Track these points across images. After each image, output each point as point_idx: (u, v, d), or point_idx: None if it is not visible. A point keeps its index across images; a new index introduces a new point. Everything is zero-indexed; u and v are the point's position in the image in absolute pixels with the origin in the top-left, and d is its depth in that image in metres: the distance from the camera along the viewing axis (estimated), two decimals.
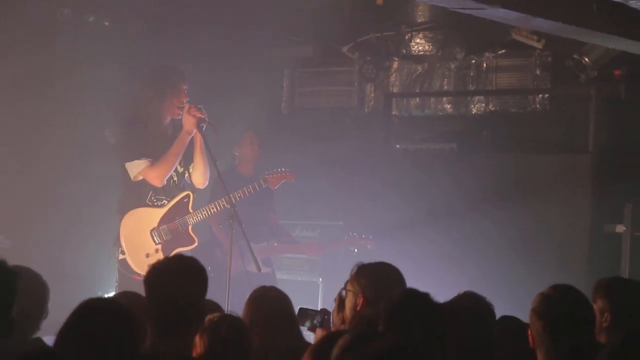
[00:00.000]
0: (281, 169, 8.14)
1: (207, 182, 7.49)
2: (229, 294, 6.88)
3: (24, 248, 8.59)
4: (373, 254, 8.05)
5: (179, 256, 4.43)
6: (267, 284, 5.14)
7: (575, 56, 9.12)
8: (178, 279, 4.03)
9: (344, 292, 4.60)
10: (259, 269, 7.22)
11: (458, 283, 5.28)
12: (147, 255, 7.19)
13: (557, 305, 3.94)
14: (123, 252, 7.26)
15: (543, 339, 3.91)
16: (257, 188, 7.81)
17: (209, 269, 4.27)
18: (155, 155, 7.24)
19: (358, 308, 4.46)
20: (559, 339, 3.85)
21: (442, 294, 4.01)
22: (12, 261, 4.25)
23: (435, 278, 6.99)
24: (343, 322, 4.54)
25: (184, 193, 7.40)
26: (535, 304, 3.98)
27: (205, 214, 7.42)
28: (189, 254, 5.17)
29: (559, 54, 9.32)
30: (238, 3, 9.47)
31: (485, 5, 7.01)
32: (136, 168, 7.24)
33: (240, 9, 9.54)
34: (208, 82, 8.93)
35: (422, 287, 3.87)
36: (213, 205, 7.41)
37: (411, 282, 4.45)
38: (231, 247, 7.11)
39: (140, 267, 7.13)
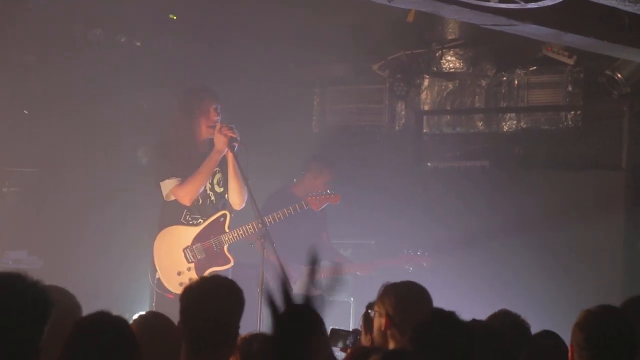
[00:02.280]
0: (327, 191, 8.07)
1: (243, 203, 7.40)
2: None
3: (56, 269, 8.61)
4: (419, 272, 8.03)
5: (215, 276, 4.42)
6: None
7: (607, 72, 9.06)
8: (213, 300, 4.02)
9: (371, 313, 4.58)
10: (291, 289, 7.19)
11: (490, 302, 5.24)
12: (179, 273, 7.20)
13: (602, 322, 3.90)
14: (156, 271, 7.27)
15: (583, 354, 3.87)
16: (298, 209, 7.73)
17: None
18: (187, 175, 7.25)
19: (382, 329, 4.43)
20: (600, 355, 3.82)
21: (475, 313, 3.98)
22: (45, 281, 4.26)
23: (467, 297, 6.94)
24: (372, 343, 4.51)
25: (220, 213, 7.40)
26: (580, 318, 3.94)
27: (241, 234, 7.38)
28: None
29: (591, 69, 9.26)
30: (269, 22, 9.49)
31: (517, 22, 6.99)
32: (167, 187, 7.26)
33: (271, 28, 9.56)
34: (239, 101, 8.94)
35: (455, 307, 3.84)
36: (250, 226, 7.36)
37: (442, 301, 4.41)
38: (262, 266, 7.09)
39: (172, 285, 7.14)
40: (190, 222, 7.34)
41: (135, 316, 4.40)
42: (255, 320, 6.79)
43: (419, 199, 9.16)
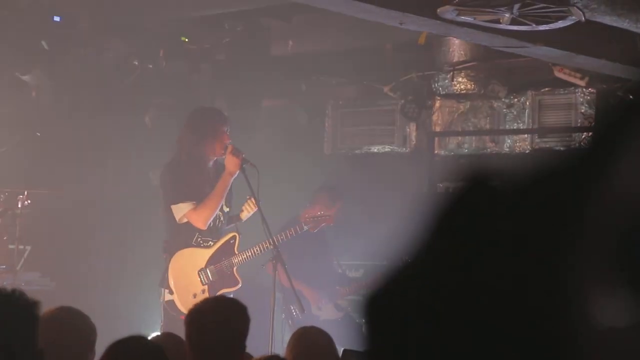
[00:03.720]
0: (319, 213, 8.11)
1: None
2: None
3: (69, 290, 8.63)
4: None
5: (220, 297, 4.44)
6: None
7: (619, 93, 9.06)
8: (218, 321, 4.03)
9: None
10: (303, 310, 7.20)
11: None
12: (194, 296, 7.20)
13: None
14: (171, 292, 7.26)
15: None
16: (299, 230, 7.77)
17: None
18: (199, 197, 7.26)
19: None
20: None
21: None
22: (57, 302, 4.28)
23: None
24: None
25: (231, 234, 7.42)
26: None
27: (249, 255, 7.41)
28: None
29: (603, 91, 9.26)
30: (279, 43, 9.53)
31: (528, 44, 7.00)
32: (181, 211, 7.26)
33: (282, 49, 9.60)
34: (250, 123, 8.97)
35: None
36: (257, 247, 7.39)
37: None
38: (274, 288, 7.10)
39: (187, 307, 7.13)
40: (202, 245, 7.36)
41: (150, 337, 4.41)
42: (268, 340, 6.79)
43: (431, 220, 9.14)
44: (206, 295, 7.15)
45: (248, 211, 7.41)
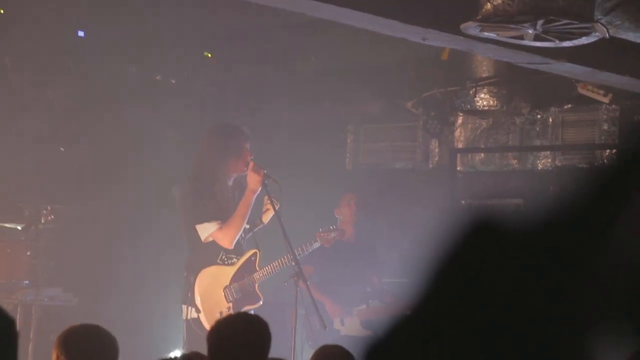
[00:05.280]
0: (332, 227, 8.08)
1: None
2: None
3: (91, 305, 8.64)
4: None
5: (241, 313, 4.44)
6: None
7: None
8: (238, 337, 4.03)
9: None
10: (324, 327, 7.16)
11: None
12: (221, 314, 7.18)
13: None
14: (197, 311, 7.23)
15: None
16: (309, 247, 7.74)
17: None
18: (223, 216, 7.26)
19: None
20: None
21: None
22: (79, 318, 4.28)
23: None
24: None
25: (251, 252, 7.41)
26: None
27: (270, 271, 7.41)
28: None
29: (627, 107, 9.22)
30: (300, 58, 9.54)
31: (552, 60, 6.98)
32: (207, 231, 7.25)
33: (303, 64, 9.61)
34: (273, 139, 8.97)
35: None
36: (277, 263, 7.38)
37: None
38: (296, 304, 7.08)
39: None
40: (227, 262, 7.37)
41: (173, 355, 4.41)
42: (290, 357, 6.77)
43: (453, 237, 9.10)
44: (231, 312, 7.14)
45: (269, 210, 7.37)
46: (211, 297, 7.27)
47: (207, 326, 7.12)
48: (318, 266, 8.32)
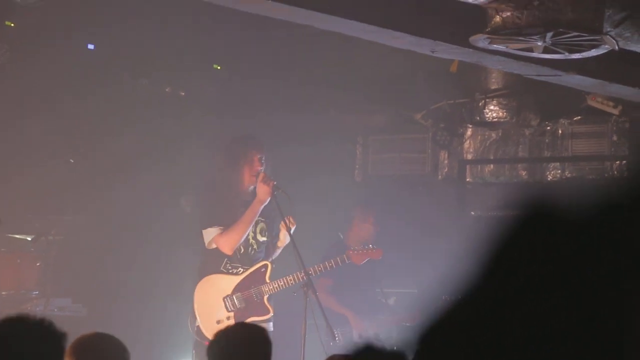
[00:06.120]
0: (369, 246, 8.05)
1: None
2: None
3: (100, 316, 8.65)
4: None
5: (240, 323, 4.45)
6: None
7: None
8: (236, 346, 4.05)
9: None
10: (334, 338, 7.17)
11: None
12: (218, 322, 7.20)
13: None
14: (195, 318, 7.28)
15: None
16: (340, 263, 7.71)
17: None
18: (228, 223, 7.28)
19: None
20: None
21: None
22: (88, 329, 4.29)
23: None
24: None
25: (262, 263, 7.41)
26: None
27: (282, 285, 7.38)
28: None
29: (637, 119, 9.21)
30: (310, 71, 9.56)
31: (561, 72, 6.98)
32: (210, 235, 7.29)
33: (313, 77, 9.62)
34: (281, 151, 8.98)
35: None
36: (292, 277, 7.35)
37: None
38: (305, 315, 7.08)
39: (211, 333, 7.13)
40: (230, 271, 7.36)
41: None
42: None
43: (462, 248, 9.09)
44: (232, 322, 7.14)
45: (283, 234, 7.39)
46: (209, 305, 7.27)
47: (206, 334, 7.14)
48: (336, 278, 8.32)
